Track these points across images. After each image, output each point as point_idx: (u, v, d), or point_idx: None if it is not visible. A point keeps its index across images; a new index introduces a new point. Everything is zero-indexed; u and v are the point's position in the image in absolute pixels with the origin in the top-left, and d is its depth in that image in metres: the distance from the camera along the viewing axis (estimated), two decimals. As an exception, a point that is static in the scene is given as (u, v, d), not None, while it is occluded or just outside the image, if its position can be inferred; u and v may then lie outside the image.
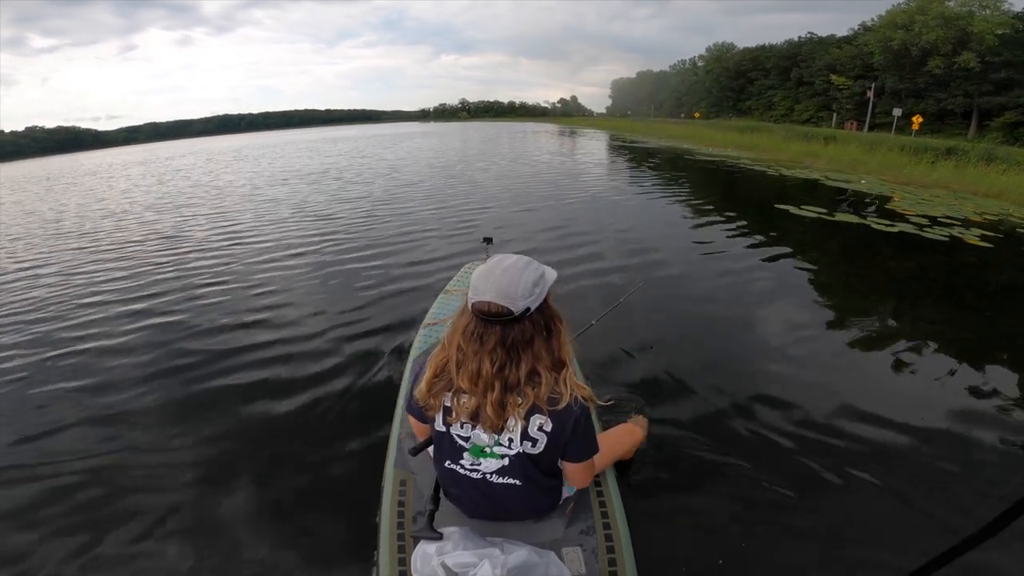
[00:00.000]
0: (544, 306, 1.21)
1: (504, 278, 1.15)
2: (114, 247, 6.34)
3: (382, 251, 5.46)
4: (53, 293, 4.60)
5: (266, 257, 5.49)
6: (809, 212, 6.71)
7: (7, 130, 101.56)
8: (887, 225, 5.92)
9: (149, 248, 6.16)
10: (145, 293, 4.45)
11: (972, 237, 5.48)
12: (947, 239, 5.41)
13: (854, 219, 6.27)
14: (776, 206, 7.09)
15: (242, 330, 3.57)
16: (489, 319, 1.16)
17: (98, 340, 3.51)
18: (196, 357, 3.18)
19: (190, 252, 5.89)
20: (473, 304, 1.17)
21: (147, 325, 3.74)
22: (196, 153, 32.33)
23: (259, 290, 4.40)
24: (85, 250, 6.28)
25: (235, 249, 5.88)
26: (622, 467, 1.89)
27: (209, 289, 4.47)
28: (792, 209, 6.83)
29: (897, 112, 21.83)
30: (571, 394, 1.19)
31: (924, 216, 6.47)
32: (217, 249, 5.93)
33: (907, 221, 6.15)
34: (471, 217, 6.93)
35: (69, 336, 3.62)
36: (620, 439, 1.68)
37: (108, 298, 4.39)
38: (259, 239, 6.35)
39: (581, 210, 7.31)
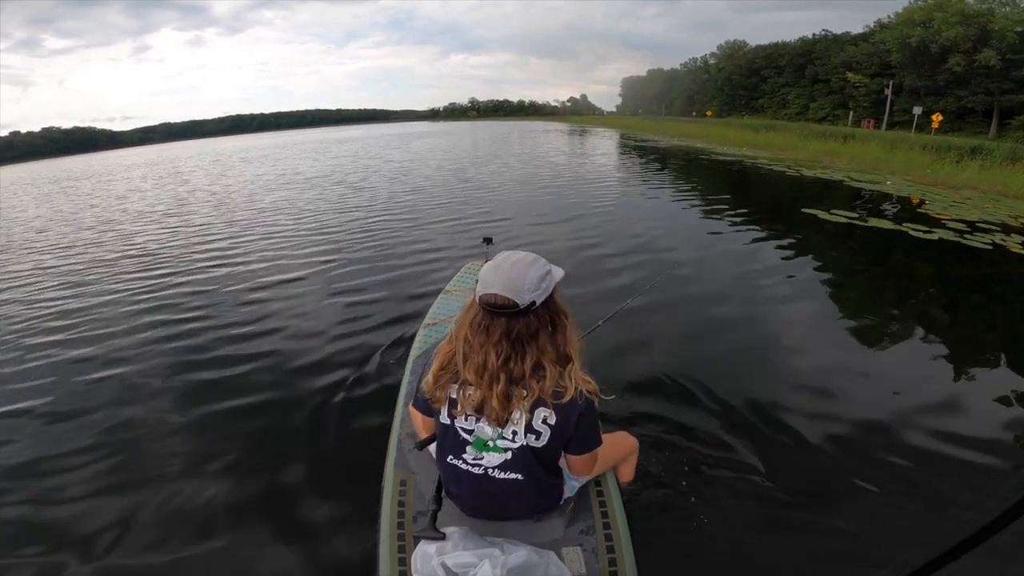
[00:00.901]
0: (550, 301, 1.24)
1: (512, 272, 1.19)
2: (90, 263, 5.86)
3: (382, 253, 5.48)
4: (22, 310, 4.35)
5: (265, 258, 5.50)
6: (840, 217, 6.40)
7: (24, 131, 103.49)
8: (925, 232, 5.60)
9: (132, 258, 5.93)
10: (141, 298, 4.42)
11: (1015, 245, 5.20)
12: (991, 247, 5.12)
13: (889, 224, 5.95)
14: (803, 210, 6.79)
15: (241, 333, 3.55)
16: (495, 311, 1.19)
17: (93, 345, 3.47)
18: (194, 359, 3.18)
19: (189, 252, 5.93)
20: (480, 297, 1.21)
21: (145, 326, 3.74)
22: (204, 155, 32.35)
23: (258, 293, 4.39)
24: (54, 270, 5.70)
25: (231, 253, 5.86)
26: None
27: (206, 293, 4.46)
28: (821, 214, 6.53)
29: (918, 110, 21.35)
30: (576, 388, 1.21)
31: (961, 221, 6.17)
32: (214, 253, 5.91)
33: (945, 227, 5.85)
34: (483, 228, 6.63)
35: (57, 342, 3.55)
36: (617, 443, 1.68)
37: (104, 300, 4.37)
38: (257, 241, 6.36)
39: (599, 216, 7.07)
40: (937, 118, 20.80)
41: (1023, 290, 4.29)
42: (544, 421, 1.23)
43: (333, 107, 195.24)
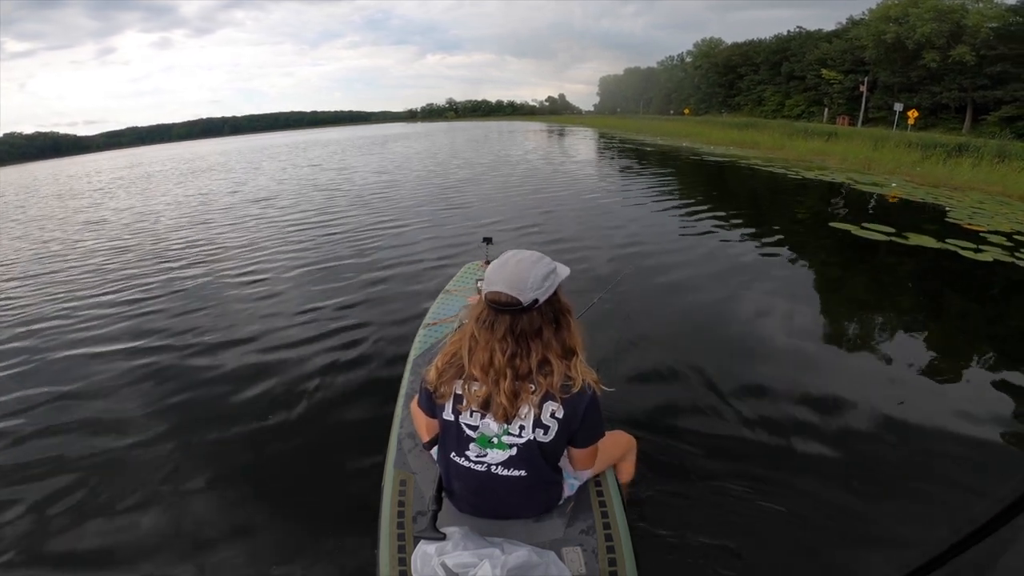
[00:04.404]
0: (554, 299, 1.25)
1: (516, 270, 1.20)
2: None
3: (381, 253, 5.49)
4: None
5: (262, 256, 5.49)
6: (875, 234, 5.57)
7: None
8: (975, 251, 4.92)
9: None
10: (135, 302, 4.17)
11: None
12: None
13: (932, 242, 5.23)
14: (831, 224, 6.04)
15: (238, 334, 3.52)
16: (499, 308, 1.21)
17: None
18: (191, 364, 3.13)
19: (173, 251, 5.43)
20: (486, 294, 1.23)
21: (134, 340, 3.58)
22: (152, 163, 30.15)
23: (256, 295, 4.37)
24: None
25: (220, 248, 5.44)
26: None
27: (199, 296, 4.39)
28: (854, 229, 5.73)
29: (899, 107, 21.30)
30: (583, 380, 1.23)
31: (997, 233, 5.60)
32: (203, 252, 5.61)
33: (987, 242, 5.23)
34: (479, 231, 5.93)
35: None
36: (615, 442, 1.64)
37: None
38: (252, 233, 6.23)
39: (615, 236, 6.23)
40: (913, 114, 20.80)
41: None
42: (552, 415, 1.24)
43: (308, 109, 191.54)
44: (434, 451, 1.48)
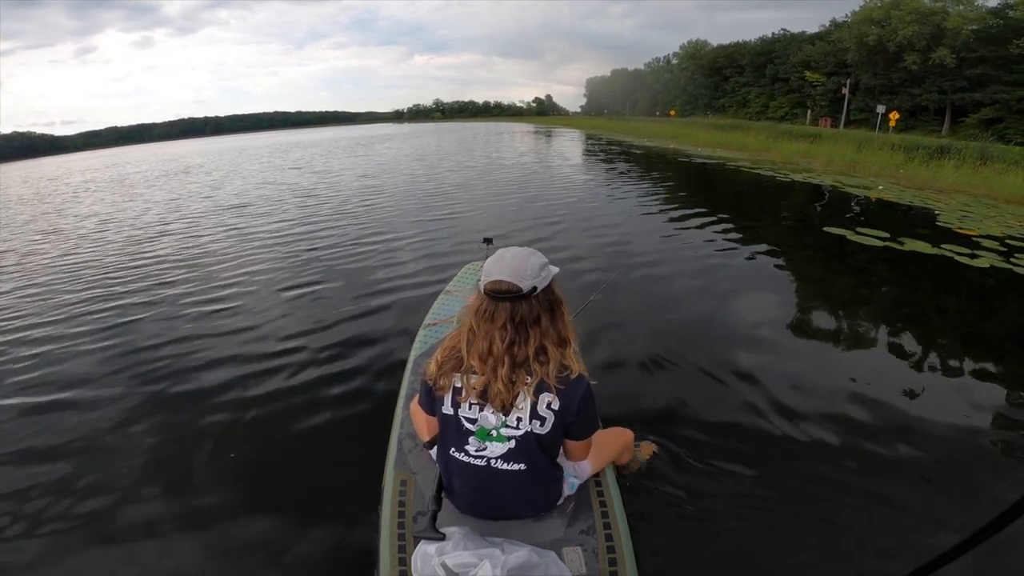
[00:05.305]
0: (549, 289, 1.30)
1: (514, 261, 1.26)
2: None
3: (381, 250, 5.53)
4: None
5: (253, 258, 5.48)
6: (870, 239, 5.45)
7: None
8: (970, 256, 4.82)
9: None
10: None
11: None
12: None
13: (928, 248, 5.13)
14: (825, 229, 5.91)
15: (239, 334, 3.51)
16: (499, 297, 1.25)
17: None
18: (192, 365, 3.10)
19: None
20: (485, 285, 1.27)
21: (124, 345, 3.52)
22: (127, 164, 28.90)
23: (252, 296, 4.36)
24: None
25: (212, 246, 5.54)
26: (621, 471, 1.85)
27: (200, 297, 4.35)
28: (849, 234, 5.61)
29: (881, 109, 21.47)
30: (577, 368, 1.26)
31: (989, 237, 5.55)
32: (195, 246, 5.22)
33: (981, 247, 5.15)
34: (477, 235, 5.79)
35: None
36: (612, 440, 1.68)
37: None
38: (256, 230, 6.32)
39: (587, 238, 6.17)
40: (895, 116, 21.05)
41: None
42: (548, 406, 1.25)
43: (294, 109, 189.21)
44: (434, 451, 1.48)
